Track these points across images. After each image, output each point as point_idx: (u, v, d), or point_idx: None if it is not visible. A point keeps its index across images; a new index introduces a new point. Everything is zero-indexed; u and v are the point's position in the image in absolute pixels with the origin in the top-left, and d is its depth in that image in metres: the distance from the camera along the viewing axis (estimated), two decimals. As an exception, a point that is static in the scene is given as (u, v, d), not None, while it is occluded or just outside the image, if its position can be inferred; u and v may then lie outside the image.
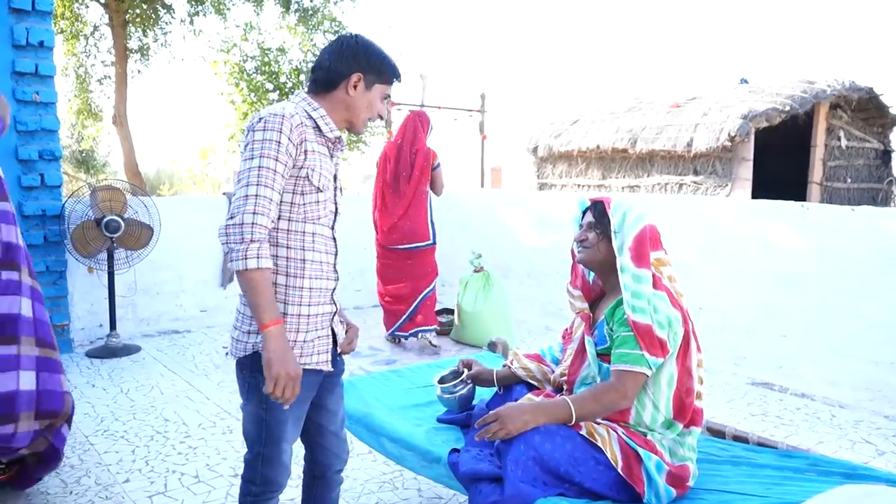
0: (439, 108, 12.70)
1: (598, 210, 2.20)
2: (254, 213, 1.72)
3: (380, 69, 1.92)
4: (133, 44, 14.69)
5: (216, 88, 19.83)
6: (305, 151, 1.82)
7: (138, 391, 4.18)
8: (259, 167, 1.74)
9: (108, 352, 4.91)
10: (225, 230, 1.73)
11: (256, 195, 1.73)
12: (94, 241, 4.82)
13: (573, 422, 2.00)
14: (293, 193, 1.83)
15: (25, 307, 2.63)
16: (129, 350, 4.98)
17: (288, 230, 1.84)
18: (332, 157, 1.95)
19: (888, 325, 3.86)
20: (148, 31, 14.72)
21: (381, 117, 2.02)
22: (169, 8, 14.54)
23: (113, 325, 5.02)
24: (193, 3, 14.32)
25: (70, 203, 4.90)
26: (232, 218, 1.73)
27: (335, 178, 1.97)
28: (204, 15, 14.55)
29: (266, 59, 13.95)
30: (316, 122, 1.88)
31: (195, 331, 5.64)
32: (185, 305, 5.74)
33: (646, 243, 2.09)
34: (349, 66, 1.89)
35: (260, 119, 1.79)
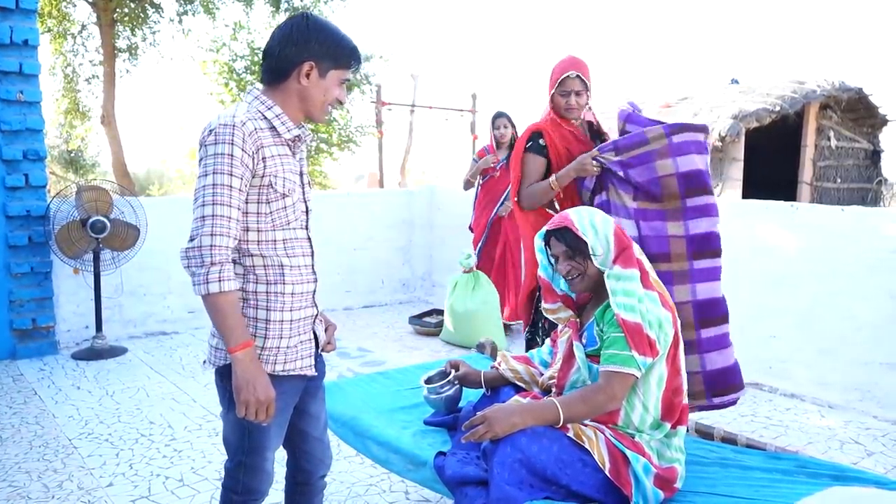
0: (430, 108, 12.66)
1: (569, 237, 2.11)
2: (212, 235, 1.65)
3: (335, 54, 1.78)
4: (121, 43, 14.60)
5: (205, 88, 19.74)
6: (263, 159, 1.72)
7: (124, 393, 4.13)
8: (213, 185, 1.66)
9: (93, 353, 4.86)
10: (185, 253, 1.66)
11: (213, 215, 1.66)
12: (80, 242, 4.77)
13: (561, 424, 1.97)
14: (258, 203, 1.75)
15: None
16: (115, 352, 4.93)
17: (259, 241, 1.77)
18: (294, 154, 1.86)
19: (878, 326, 3.85)
20: (136, 30, 14.63)
21: (342, 103, 1.90)
22: (157, 7, 14.45)
23: (99, 327, 4.96)
24: (182, 2, 14.25)
25: (55, 203, 4.85)
26: (191, 241, 1.67)
27: (301, 174, 1.88)
28: (193, 14, 14.47)
29: (256, 59, 13.89)
30: (271, 123, 1.77)
31: (182, 332, 5.59)
32: (173, 307, 5.69)
33: (625, 242, 2.08)
34: (299, 53, 1.74)
35: (210, 131, 1.69)
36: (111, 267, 5.02)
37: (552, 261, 2.22)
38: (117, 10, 13.83)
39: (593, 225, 2.08)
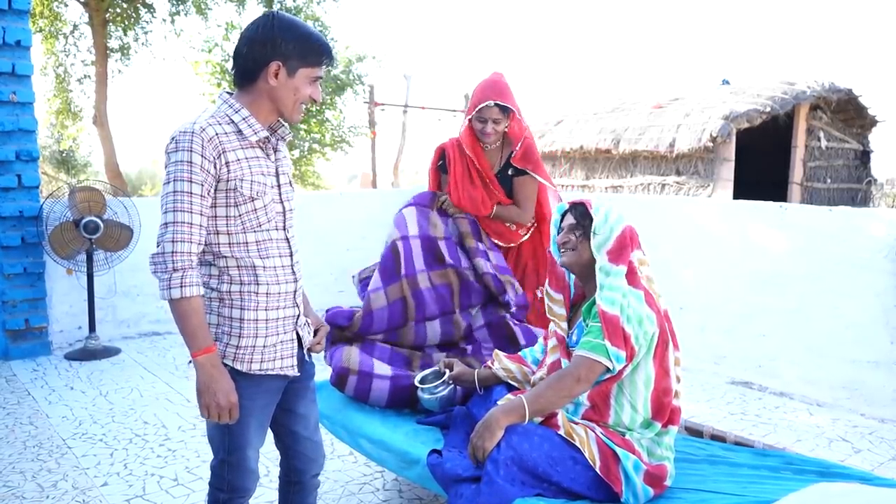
0: (423, 108, 12.68)
1: (580, 211, 2.20)
2: (173, 241, 1.68)
3: (303, 52, 1.75)
4: (113, 43, 14.57)
5: (198, 88, 19.69)
6: (227, 163, 1.73)
7: (117, 393, 4.14)
8: (174, 192, 1.69)
9: (87, 354, 4.86)
10: (152, 259, 1.70)
11: (174, 222, 1.68)
12: (73, 243, 4.77)
13: (527, 416, 2.00)
14: (226, 206, 1.76)
15: None
16: (108, 352, 4.93)
17: (230, 243, 1.78)
18: (269, 155, 1.85)
19: (865, 325, 3.90)
20: (128, 30, 14.60)
21: (315, 101, 1.83)
22: (149, 7, 14.42)
23: (92, 327, 4.97)
24: (174, 2, 14.22)
25: (48, 204, 4.84)
26: (157, 247, 1.71)
27: (278, 174, 1.87)
28: (185, 14, 14.46)
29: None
30: (238, 127, 1.77)
31: (176, 332, 5.56)
32: (166, 307, 5.65)
33: (626, 243, 2.11)
34: (266, 53, 1.73)
35: (172, 139, 1.71)
36: (104, 267, 5.02)
37: (559, 233, 2.28)
38: (109, 10, 13.80)
39: (608, 213, 2.15)
